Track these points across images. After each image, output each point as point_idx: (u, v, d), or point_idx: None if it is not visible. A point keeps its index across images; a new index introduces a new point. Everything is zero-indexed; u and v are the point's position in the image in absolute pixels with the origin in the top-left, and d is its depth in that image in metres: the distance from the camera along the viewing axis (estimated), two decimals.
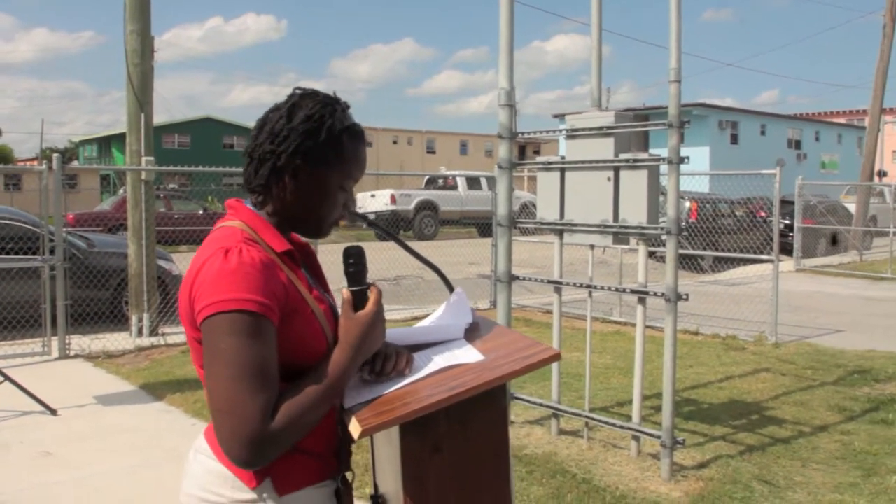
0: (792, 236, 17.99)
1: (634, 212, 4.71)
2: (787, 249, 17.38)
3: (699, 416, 5.96)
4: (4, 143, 68.91)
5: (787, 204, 16.58)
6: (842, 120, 54.28)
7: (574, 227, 4.98)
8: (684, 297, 4.54)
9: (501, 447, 1.68)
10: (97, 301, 9.62)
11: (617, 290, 5.03)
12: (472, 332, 1.90)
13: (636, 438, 4.94)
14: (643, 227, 4.66)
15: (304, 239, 1.85)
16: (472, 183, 26.66)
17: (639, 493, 4.47)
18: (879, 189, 24.50)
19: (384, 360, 1.74)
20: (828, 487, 4.64)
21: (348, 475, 1.76)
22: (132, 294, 9.20)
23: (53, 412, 6.02)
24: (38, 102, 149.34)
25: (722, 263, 16.05)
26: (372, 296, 1.73)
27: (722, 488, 4.55)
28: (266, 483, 1.61)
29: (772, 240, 16.27)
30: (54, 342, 8.16)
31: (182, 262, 11.03)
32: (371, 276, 1.90)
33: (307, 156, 1.69)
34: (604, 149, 4.87)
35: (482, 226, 24.70)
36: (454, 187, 26.77)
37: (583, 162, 4.90)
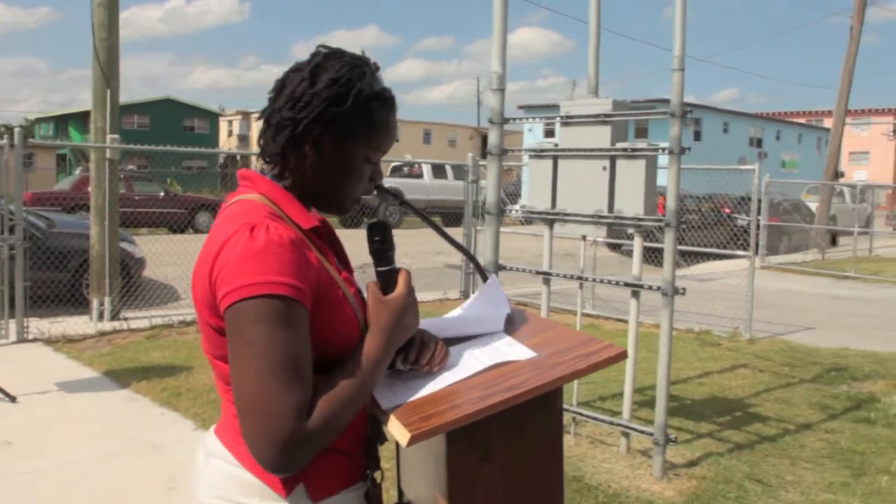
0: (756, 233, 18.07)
1: (631, 203, 4.57)
2: (748, 246, 17.44)
3: (683, 412, 5.85)
4: None
5: (750, 201, 16.66)
6: (802, 120, 54.99)
7: (567, 217, 4.82)
8: (681, 291, 4.41)
9: (556, 455, 1.50)
10: (57, 283, 9.27)
11: (611, 282, 4.89)
12: (511, 325, 1.73)
13: (626, 435, 4.81)
14: (640, 219, 4.52)
15: (322, 215, 1.66)
16: (438, 171, 26.43)
17: (632, 491, 4.34)
18: (840, 189, 24.76)
19: (419, 348, 1.56)
20: (819, 487, 4.55)
21: (377, 475, 1.58)
22: (94, 276, 8.87)
23: (13, 399, 5.72)
24: None
25: (690, 258, 16.06)
26: (401, 277, 1.55)
27: (715, 487, 4.44)
28: (299, 490, 1.43)
29: (736, 236, 16.56)
30: (12, 325, 7.83)
31: (143, 244, 10.71)
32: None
33: (331, 124, 1.50)
34: (600, 137, 4.71)
35: (448, 215, 24.51)
36: (419, 175, 26.52)
37: (579, 150, 4.74)
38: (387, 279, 1.55)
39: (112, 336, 8.06)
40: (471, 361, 1.56)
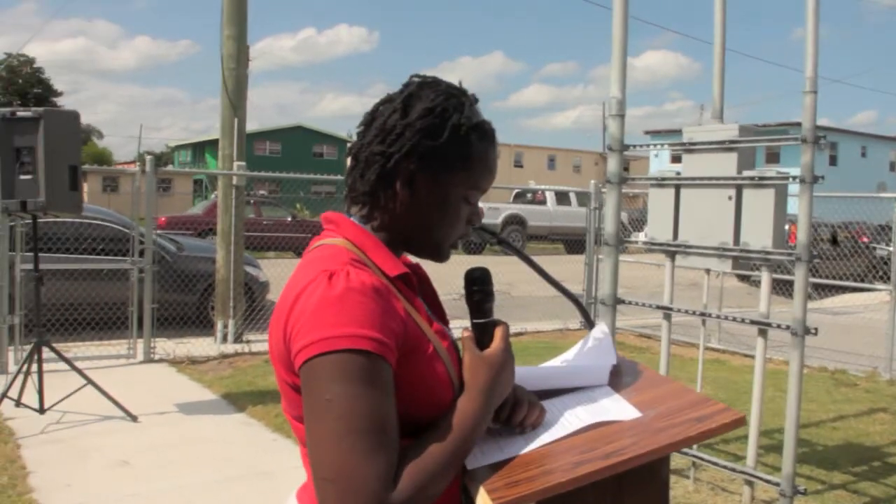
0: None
1: (758, 234, 4.29)
2: (887, 278, 16.43)
3: (814, 459, 5.46)
4: (105, 146, 71.40)
5: (889, 230, 15.74)
6: None
7: (689, 250, 4.58)
8: (813, 331, 4.10)
9: None
10: (184, 305, 9.60)
11: (735, 319, 4.61)
12: (617, 378, 1.57)
13: (749, 484, 4.50)
14: (768, 252, 4.23)
15: (414, 260, 1.54)
16: (562, 198, 26.20)
17: None
18: None
19: (513, 407, 1.42)
20: None
21: None
22: (218, 299, 9.12)
23: (134, 419, 5.88)
24: (138, 108, 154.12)
25: (823, 291, 15.23)
26: (498, 331, 1.41)
27: None
28: None
29: (874, 267, 15.58)
30: (139, 345, 8.10)
31: (269, 268, 10.94)
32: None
33: (425, 159, 1.37)
34: (725, 165, 4.46)
35: (570, 242, 24.24)
36: (543, 202, 26.33)
37: (701, 179, 4.50)
38: (482, 332, 1.42)
39: (233, 359, 8.23)
40: (569, 418, 1.42)
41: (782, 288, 9.68)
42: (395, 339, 1.25)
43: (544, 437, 1.37)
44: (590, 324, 1.67)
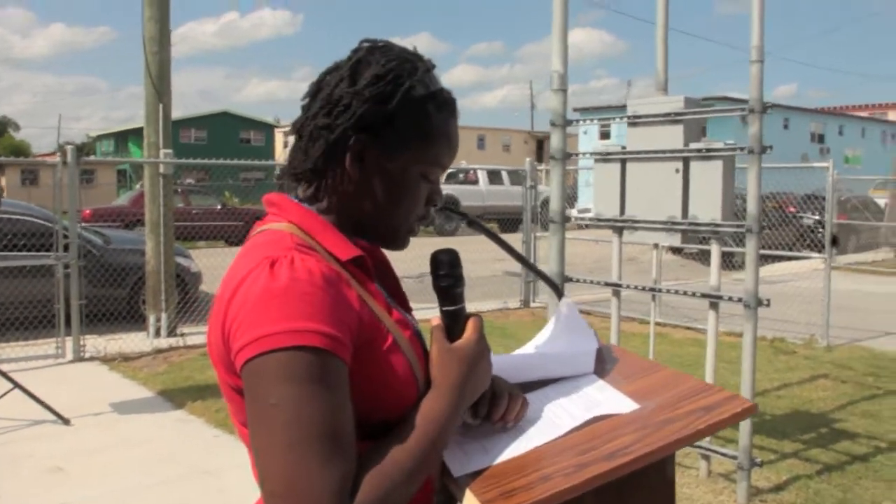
0: (822, 232, 17.42)
1: (707, 207, 4.24)
2: (817, 246, 16.84)
3: (764, 429, 5.47)
4: (22, 138, 69.05)
5: (816, 199, 16.08)
6: (864, 114, 53.36)
7: (637, 225, 4.51)
8: (766, 302, 4.07)
9: None
10: (113, 300, 9.22)
11: (687, 293, 4.56)
12: (601, 365, 1.44)
13: (706, 458, 4.48)
14: (718, 225, 4.18)
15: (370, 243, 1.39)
16: (494, 177, 26.17)
17: None
18: None
19: (492, 400, 1.29)
20: None
21: None
22: (149, 292, 8.79)
23: (66, 422, 5.59)
24: (55, 98, 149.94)
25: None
26: (471, 322, 1.26)
27: None
28: None
29: (802, 236, 15.92)
30: (68, 343, 7.74)
31: (200, 258, 10.63)
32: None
33: (375, 131, 1.22)
34: (671, 137, 4.40)
35: (504, 221, 24.22)
36: (475, 181, 26.26)
37: (648, 152, 4.43)
38: (453, 320, 1.27)
39: (168, 353, 7.93)
40: (560, 414, 1.28)
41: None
42: (348, 333, 1.11)
43: (535, 437, 1.24)
44: (559, 295, 1.55)
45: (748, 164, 4.02)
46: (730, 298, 4.18)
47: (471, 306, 1.31)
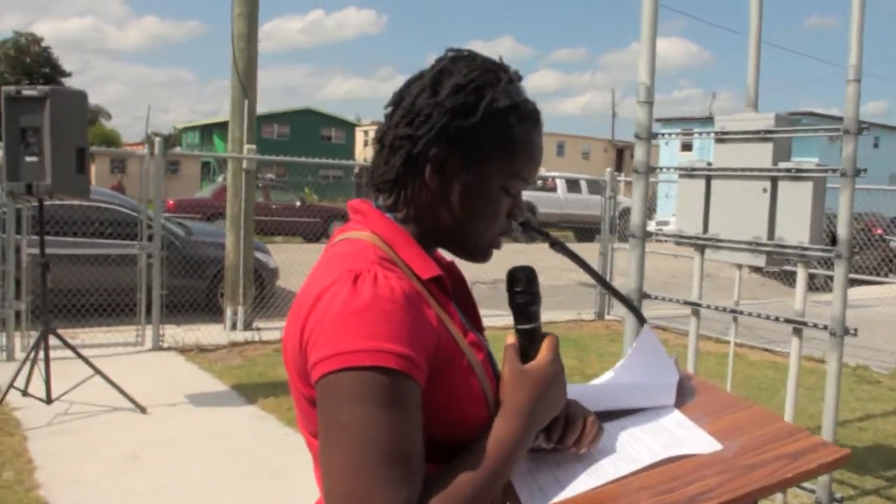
0: None
1: (794, 229, 4.10)
2: None
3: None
4: (113, 127, 71.22)
5: None
6: None
7: (721, 244, 4.39)
8: (852, 331, 3.92)
9: None
10: (193, 291, 9.43)
11: (769, 317, 4.42)
12: (681, 398, 1.39)
13: (783, 491, 4.33)
14: (806, 248, 4.05)
15: (448, 257, 1.37)
16: (572, 185, 25.95)
17: None
18: None
19: (566, 425, 1.25)
20: None
21: None
22: (228, 286, 8.96)
23: (143, 410, 5.73)
24: (146, 89, 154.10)
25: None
26: (546, 342, 1.23)
27: None
28: None
29: (889, 260, 15.33)
30: (148, 332, 7.95)
31: (277, 253, 10.78)
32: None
33: (457, 143, 1.20)
34: (759, 155, 4.27)
35: (580, 230, 24.03)
36: (553, 189, 26.09)
37: (736, 169, 4.31)
38: (528, 340, 1.24)
39: (243, 347, 8.07)
40: (638, 449, 1.24)
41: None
42: (425, 354, 1.09)
43: (609, 470, 1.20)
44: (641, 321, 1.51)
45: (841, 187, 3.87)
46: (815, 325, 4.04)
47: (544, 316, 1.28)
